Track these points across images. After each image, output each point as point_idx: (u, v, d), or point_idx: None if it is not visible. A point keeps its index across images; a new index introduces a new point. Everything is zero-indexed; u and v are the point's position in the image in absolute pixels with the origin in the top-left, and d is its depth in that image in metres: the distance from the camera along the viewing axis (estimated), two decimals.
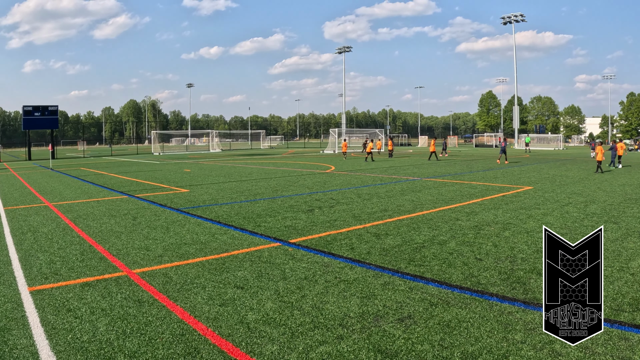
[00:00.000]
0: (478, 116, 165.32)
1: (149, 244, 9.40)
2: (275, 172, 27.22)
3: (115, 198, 16.50)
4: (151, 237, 10.02)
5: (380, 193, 16.99)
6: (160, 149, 65.65)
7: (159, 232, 10.57)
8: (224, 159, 42.87)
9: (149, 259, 8.31)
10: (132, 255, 8.61)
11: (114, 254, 8.69)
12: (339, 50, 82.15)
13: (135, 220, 11.96)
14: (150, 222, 11.69)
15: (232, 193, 17.12)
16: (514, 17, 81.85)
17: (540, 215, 12.26)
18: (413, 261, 8.12)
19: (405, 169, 29.14)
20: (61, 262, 8.23)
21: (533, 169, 29.17)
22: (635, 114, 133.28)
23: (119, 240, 9.83)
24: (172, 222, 11.72)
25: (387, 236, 10.05)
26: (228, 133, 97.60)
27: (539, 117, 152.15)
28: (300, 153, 57.68)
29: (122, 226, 11.28)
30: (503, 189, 17.95)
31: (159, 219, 12.20)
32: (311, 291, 6.72)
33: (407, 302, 6.23)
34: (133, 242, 9.59)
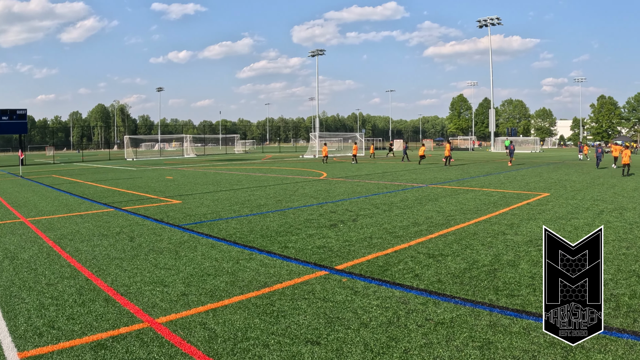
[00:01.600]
0: (449, 119, 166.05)
1: (162, 276, 7.38)
2: (265, 179, 25.20)
3: (100, 211, 14.27)
4: (161, 266, 7.99)
5: (396, 202, 15.39)
6: (133, 155, 62.73)
7: (167, 257, 8.54)
8: (203, 165, 40.54)
9: (171, 300, 6.28)
10: (147, 294, 6.57)
11: (121, 292, 6.65)
12: (312, 53, 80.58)
13: (133, 242, 9.87)
14: (152, 244, 9.63)
15: (232, 204, 15.07)
16: (490, 21, 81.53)
17: (585, 226, 11.46)
18: (500, 290, 6.80)
19: (401, 175, 27.69)
20: (56, 308, 6.14)
21: (532, 174, 28.36)
22: (606, 116, 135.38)
23: (121, 270, 7.77)
24: (178, 243, 9.68)
25: (444, 257, 8.60)
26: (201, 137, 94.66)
27: (511, 119, 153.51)
28: (279, 158, 55.62)
29: (119, 250, 9.18)
30: (522, 196, 16.99)
31: (161, 239, 10.14)
32: (410, 343, 5.12)
33: (534, 348, 4.95)
34: (141, 274, 7.54)
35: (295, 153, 73.29)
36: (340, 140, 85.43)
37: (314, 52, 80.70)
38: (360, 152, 62.42)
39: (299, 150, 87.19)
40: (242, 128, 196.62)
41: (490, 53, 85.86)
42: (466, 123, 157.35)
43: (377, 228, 11.23)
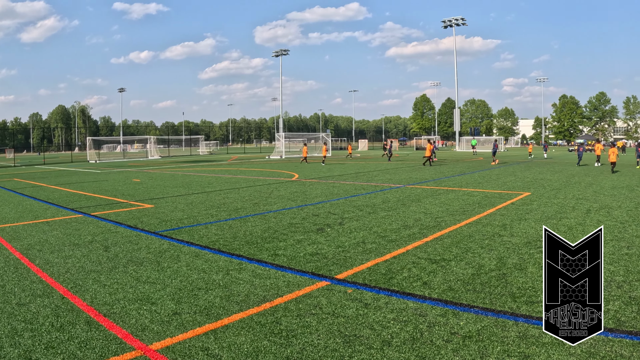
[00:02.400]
0: (412, 119, 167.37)
1: (147, 292, 6.59)
2: (236, 181, 24.36)
3: (69, 217, 13.26)
4: (144, 279, 7.19)
5: (378, 204, 14.90)
6: (96, 157, 60.76)
7: (149, 269, 7.75)
8: (169, 167, 39.29)
9: (162, 321, 5.52)
10: (133, 313, 5.78)
11: (103, 312, 5.83)
12: (275, 53, 79.92)
13: (108, 252, 9.01)
14: (130, 254, 8.79)
15: (207, 208, 14.25)
16: (455, 21, 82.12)
17: (578, 226, 11.29)
18: (517, 297, 6.41)
19: (375, 175, 27.28)
20: (31, 334, 5.31)
21: (505, 173, 28.48)
22: (568, 115, 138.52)
23: (100, 285, 6.94)
24: (158, 252, 8.88)
25: (447, 262, 8.13)
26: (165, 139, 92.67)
27: (473, 119, 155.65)
28: (246, 159, 54.62)
29: (94, 261, 8.32)
30: (504, 196, 16.80)
31: (139, 248, 9.30)
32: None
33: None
34: (123, 289, 6.73)
35: (260, 154, 72.29)
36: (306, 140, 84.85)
37: (277, 52, 80.00)
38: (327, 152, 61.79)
39: (264, 151, 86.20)
40: (205, 129, 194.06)
41: (454, 53, 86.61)
42: (429, 123, 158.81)
43: (368, 232, 10.66)
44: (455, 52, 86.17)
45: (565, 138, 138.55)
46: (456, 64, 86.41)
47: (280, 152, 56.57)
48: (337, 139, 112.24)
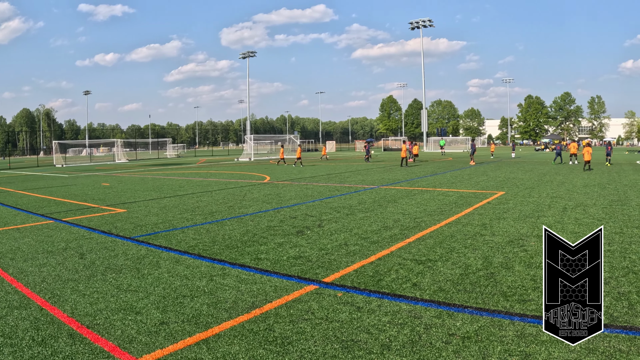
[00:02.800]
0: (379, 120, 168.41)
1: (130, 301, 6.30)
2: (208, 184, 23.98)
3: (39, 224, 12.76)
4: (125, 288, 6.90)
5: (355, 205, 14.83)
6: (63, 161, 59.28)
7: (129, 277, 7.45)
8: (138, 170, 38.49)
9: (149, 332, 5.27)
10: (118, 324, 5.50)
11: (86, 324, 5.54)
12: (242, 55, 79.41)
13: (84, 259, 8.65)
14: (107, 261, 8.46)
15: (181, 212, 13.92)
16: (422, 23, 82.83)
17: (557, 224, 11.38)
18: (508, 296, 6.40)
19: (347, 176, 27.24)
20: (11, 349, 5.02)
21: (477, 172, 28.85)
22: (533, 115, 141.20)
23: (79, 295, 6.63)
24: (136, 259, 8.57)
25: (433, 263, 8.07)
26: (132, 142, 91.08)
27: (440, 120, 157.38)
28: (214, 162, 53.98)
29: (70, 269, 7.97)
30: (479, 195, 16.94)
31: (116, 254, 8.97)
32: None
33: (574, 356, 4.66)
34: (104, 299, 6.43)
35: (228, 156, 71.63)
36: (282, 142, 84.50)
37: (245, 54, 79.51)
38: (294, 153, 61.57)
39: (232, 154, 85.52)
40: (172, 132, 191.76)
41: (422, 55, 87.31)
42: (396, 124, 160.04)
43: (348, 234, 10.53)
44: (423, 53, 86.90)
45: (531, 138, 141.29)
46: (423, 65, 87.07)
47: (249, 155, 56.10)
48: (305, 140, 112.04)
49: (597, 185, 19.85)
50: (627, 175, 24.63)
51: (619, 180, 22.12)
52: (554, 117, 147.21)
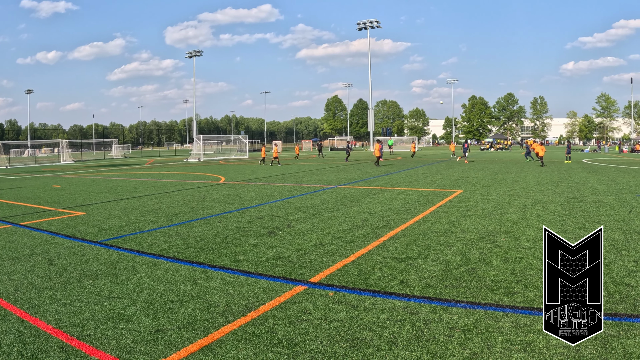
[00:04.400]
0: (324, 120, 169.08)
1: (116, 309, 6.08)
2: (163, 185, 23.46)
3: None
4: (106, 295, 6.65)
5: (318, 205, 14.89)
6: (7, 162, 56.65)
7: (108, 283, 7.18)
8: (87, 171, 37.09)
9: (146, 340, 5.10)
10: (110, 334, 5.29)
11: (76, 334, 5.30)
12: (189, 54, 78.16)
13: (54, 265, 8.28)
14: (80, 267, 8.13)
15: (144, 214, 13.56)
16: (369, 23, 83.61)
17: (522, 220, 11.77)
18: (494, 290, 6.64)
19: (302, 176, 27.30)
20: None
21: (430, 172, 29.55)
22: (477, 115, 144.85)
23: (59, 304, 6.33)
24: (110, 264, 8.28)
25: (414, 260, 8.19)
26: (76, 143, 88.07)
27: (385, 120, 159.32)
28: (163, 162, 52.86)
29: (42, 277, 7.61)
30: (438, 194, 17.30)
31: (87, 259, 8.63)
32: (455, 356, 4.69)
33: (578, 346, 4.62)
34: (88, 307, 6.18)
35: (176, 157, 70.33)
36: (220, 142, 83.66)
37: (191, 53, 78.33)
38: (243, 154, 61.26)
39: (179, 154, 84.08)
40: (115, 132, 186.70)
41: (369, 55, 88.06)
42: (341, 124, 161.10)
43: (320, 233, 10.54)
44: (370, 54, 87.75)
45: (475, 137, 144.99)
46: (370, 65, 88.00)
47: (199, 155, 55.26)
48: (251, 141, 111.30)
49: (550, 183, 20.56)
50: (577, 173, 25.64)
51: (569, 178, 22.98)
52: (498, 117, 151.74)
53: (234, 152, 68.35)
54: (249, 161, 49.62)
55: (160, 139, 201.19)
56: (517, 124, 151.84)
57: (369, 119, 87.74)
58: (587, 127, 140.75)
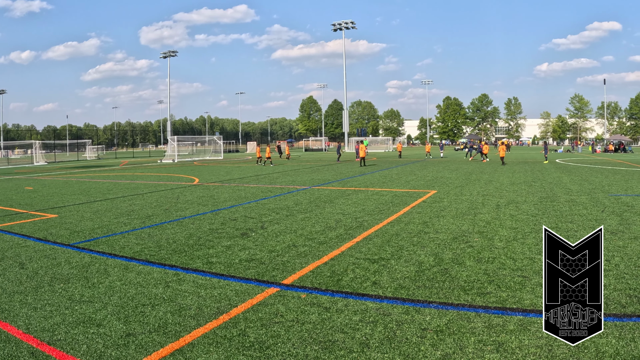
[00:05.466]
0: (299, 121, 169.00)
1: (87, 313, 6.01)
2: (137, 186, 23.21)
3: None
4: (77, 299, 6.56)
5: (292, 206, 14.91)
6: None
7: (79, 287, 7.09)
8: (60, 173, 36.45)
9: (117, 345, 5.05)
10: (81, 339, 5.23)
11: (46, 340, 5.22)
12: (164, 54, 77.45)
13: (25, 269, 8.14)
14: (51, 271, 8.00)
15: (116, 216, 13.41)
16: (345, 24, 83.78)
17: (495, 220, 11.94)
18: (467, 290, 6.72)
19: (276, 177, 27.25)
20: None
21: (404, 172, 29.82)
22: (452, 116, 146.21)
23: (30, 308, 6.23)
24: (82, 267, 8.17)
25: (386, 261, 8.24)
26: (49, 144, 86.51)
27: (360, 120, 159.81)
28: (137, 163, 52.29)
29: (13, 281, 7.48)
30: (412, 194, 17.45)
31: (58, 263, 8.51)
32: (428, 357, 4.70)
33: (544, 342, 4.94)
34: (59, 311, 6.09)
35: (150, 158, 69.58)
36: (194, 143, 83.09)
37: (166, 53, 77.64)
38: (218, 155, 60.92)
39: (153, 155, 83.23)
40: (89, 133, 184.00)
41: (344, 56, 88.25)
42: (316, 124, 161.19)
43: (293, 235, 10.55)
44: (345, 55, 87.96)
45: (449, 138, 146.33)
46: (345, 66, 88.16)
47: (173, 156, 54.78)
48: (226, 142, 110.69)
49: (523, 183, 20.86)
50: (550, 173, 26.05)
51: (543, 178, 23.33)
52: (472, 117, 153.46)
53: (208, 153, 67.90)
54: (224, 162, 49.35)
55: (135, 140, 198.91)
56: (492, 124, 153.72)
57: (344, 119, 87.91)
58: (560, 127, 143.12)
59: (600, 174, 25.59)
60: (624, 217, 11.78)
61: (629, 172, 26.42)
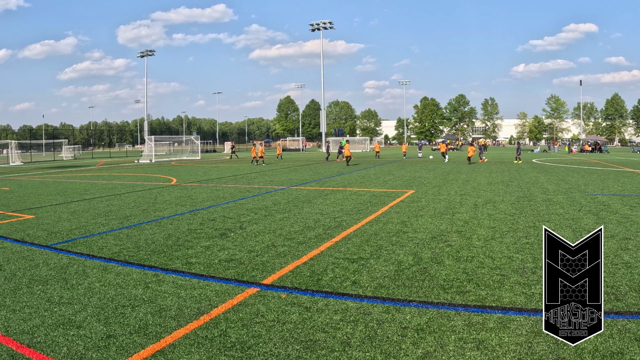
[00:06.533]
0: (276, 121, 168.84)
1: (67, 315, 5.98)
2: (114, 186, 23.00)
3: None
4: (56, 300, 6.52)
5: (270, 206, 14.94)
6: None
7: (58, 288, 7.04)
8: (36, 173, 35.81)
9: (98, 347, 5.04)
10: (61, 341, 5.20)
11: (26, 342, 5.19)
12: (141, 53, 76.85)
13: (3, 271, 8.03)
14: (30, 272, 7.92)
15: (94, 217, 13.29)
16: (322, 25, 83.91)
17: (472, 220, 12.03)
18: (446, 288, 6.83)
19: (254, 177, 27.24)
20: None
21: (382, 172, 30.03)
22: (429, 116, 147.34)
23: (8, 310, 6.18)
24: (60, 268, 8.10)
25: (366, 261, 8.32)
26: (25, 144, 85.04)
27: (337, 120, 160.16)
28: (114, 163, 51.74)
29: None
30: (390, 194, 17.59)
31: (36, 264, 8.42)
32: (409, 356, 4.77)
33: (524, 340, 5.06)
34: (38, 313, 6.04)
35: (127, 158, 68.88)
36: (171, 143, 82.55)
37: (143, 52, 77.04)
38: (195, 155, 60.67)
39: (130, 155, 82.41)
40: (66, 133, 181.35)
41: (322, 56, 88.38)
42: (293, 124, 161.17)
43: (272, 235, 10.58)
44: (322, 55, 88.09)
45: (426, 138, 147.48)
46: (323, 66, 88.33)
47: (150, 156, 54.33)
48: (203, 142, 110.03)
49: (500, 182, 21.15)
50: (527, 173, 26.46)
51: (520, 177, 23.68)
52: (449, 118, 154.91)
53: (185, 153, 67.46)
54: (201, 162, 49.09)
55: (112, 139, 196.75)
56: (469, 124, 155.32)
57: (321, 119, 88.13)
58: (537, 127, 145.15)
59: (577, 173, 26.04)
60: (600, 216, 12.01)
61: (605, 172, 26.92)
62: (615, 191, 17.45)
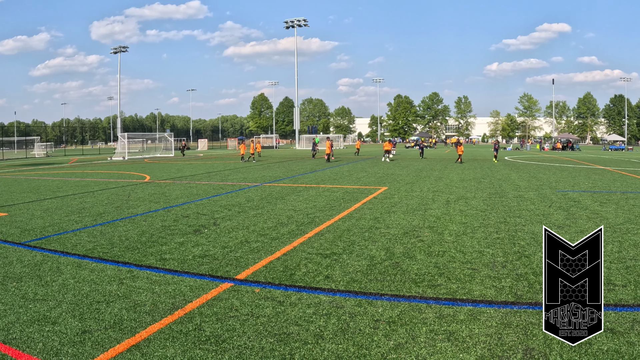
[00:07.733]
0: (250, 118, 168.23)
1: (42, 311, 6.00)
2: (87, 184, 22.79)
3: None
4: (31, 297, 6.53)
5: (244, 203, 15.01)
6: None
7: (33, 285, 7.04)
8: (8, 171, 34.96)
9: (73, 342, 5.10)
10: (36, 337, 5.24)
11: (1, 339, 5.22)
12: (114, 50, 75.89)
13: None
14: (4, 270, 7.89)
15: (67, 214, 13.20)
16: (297, 22, 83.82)
17: (445, 216, 12.27)
18: (418, 282, 7.01)
19: (227, 174, 27.27)
20: None
21: (355, 169, 30.26)
22: (403, 114, 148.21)
23: None
24: (34, 265, 8.09)
25: (338, 256, 8.48)
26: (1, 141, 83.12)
27: (311, 118, 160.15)
28: (87, 161, 51.05)
29: None
30: (363, 191, 17.77)
31: (10, 262, 8.39)
32: (381, 347, 4.90)
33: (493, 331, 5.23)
34: (13, 310, 6.06)
35: (100, 155, 68.04)
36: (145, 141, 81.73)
37: (116, 49, 76.14)
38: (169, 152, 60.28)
39: (103, 153, 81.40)
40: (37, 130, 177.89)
41: (295, 54, 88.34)
42: (267, 122, 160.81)
43: (246, 231, 10.65)
44: (296, 53, 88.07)
45: (400, 135, 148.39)
46: (297, 64, 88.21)
47: (123, 154, 53.78)
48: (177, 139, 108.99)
49: (473, 179, 21.51)
50: (499, 170, 26.93)
51: (492, 175, 24.09)
52: (423, 115, 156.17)
53: (159, 150, 66.90)
54: (175, 160, 48.78)
55: (84, 137, 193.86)
56: (442, 122, 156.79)
57: (295, 117, 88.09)
58: (509, 126, 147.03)
59: (548, 171, 26.57)
60: (570, 212, 12.35)
61: (576, 170, 27.52)
62: (585, 188, 17.90)
